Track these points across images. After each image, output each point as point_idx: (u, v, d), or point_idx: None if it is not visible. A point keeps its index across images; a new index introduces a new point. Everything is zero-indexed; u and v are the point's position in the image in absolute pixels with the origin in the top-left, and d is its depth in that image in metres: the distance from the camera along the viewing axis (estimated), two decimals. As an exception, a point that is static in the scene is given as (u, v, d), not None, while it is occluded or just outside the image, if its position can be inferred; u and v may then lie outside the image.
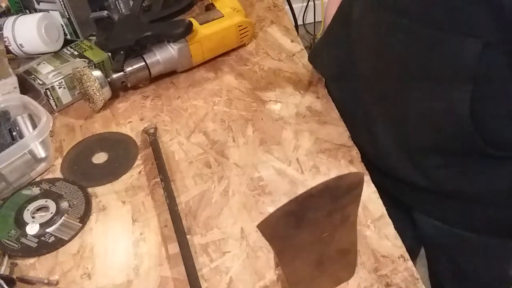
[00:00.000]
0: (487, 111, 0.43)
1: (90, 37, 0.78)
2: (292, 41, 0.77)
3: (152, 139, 0.59)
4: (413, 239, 0.67)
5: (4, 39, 0.72)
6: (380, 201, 0.49)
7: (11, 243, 0.48)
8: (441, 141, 0.48)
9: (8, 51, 0.73)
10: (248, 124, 0.61)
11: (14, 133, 0.57)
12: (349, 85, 0.57)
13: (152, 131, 0.60)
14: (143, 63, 0.68)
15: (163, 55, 0.69)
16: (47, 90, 0.65)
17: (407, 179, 0.53)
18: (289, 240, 0.38)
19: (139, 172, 0.56)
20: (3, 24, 0.73)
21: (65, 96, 0.67)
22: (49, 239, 0.48)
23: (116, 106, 0.68)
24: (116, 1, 0.81)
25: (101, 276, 0.45)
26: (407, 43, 0.45)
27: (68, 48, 0.74)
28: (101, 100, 0.64)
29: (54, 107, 0.67)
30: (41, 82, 0.65)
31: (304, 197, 0.35)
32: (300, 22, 2.34)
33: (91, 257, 0.47)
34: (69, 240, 0.48)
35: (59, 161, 0.59)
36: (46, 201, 0.52)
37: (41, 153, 0.55)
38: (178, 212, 0.48)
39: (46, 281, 0.44)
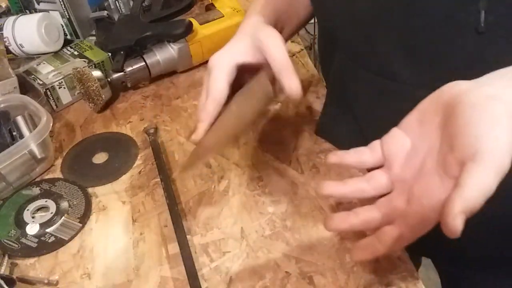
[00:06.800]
0: None
1: (90, 37, 0.78)
2: (292, 41, 0.77)
3: (152, 139, 0.59)
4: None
5: (4, 39, 0.72)
6: (380, 201, 0.49)
7: (11, 243, 0.48)
8: None
9: (8, 51, 0.73)
10: (248, 124, 0.61)
11: (14, 133, 0.57)
12: None
13: (152, 131, 0.60)
14: (143, 63, 0.68)
15: (163, 55, 0.69)
16: (47, 90, 0.65)
17: None
18: None
19: (139, 172, 0.56)
20: (3, 24, 0.73)
21: (65, 96, 0.67)
22: (49, 239, 0.48)
23: (116, 106, 0.68)
24: (116, 1, 0.81)
25: (101, 276, 0.45)
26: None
27: (68, 48, 0.74)
28: (101, 100, 0.64)
29: (54, 107, 0.67)
30: (41, 82, 0.65)
31: None
32: (300, 22, 2.33)
33: (91, 257, 0.47)
34: (69, 240, 0.48)
35: (59, 161, 0.59)
36: (46, 201, 0.52)
37: (41, 153, 0.55)
38: (178, 212, 0.48)
39: (46, 281, 0.44)
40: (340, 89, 0.50)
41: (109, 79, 0.66)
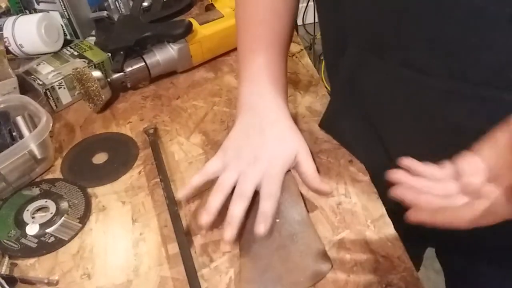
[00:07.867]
0: None
1: (90, 37, 0.78)
2: (292, 41, 0.77)
3: (152, 139, 0.59)
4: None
5: (4, 39, 0.72)
6: (380, 201, 0.49)
7: (11, 244, 0.48)
8: None
9: (8, 51, 0.73)
10: (248, 124, 0.61)
11: (14, 134, 0.57)
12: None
13: (152, 131, 0.60)
14: (143, 63, 0.68)
15: (163, 56, 0.69)
16: (47, 91, 0.65)
17: None
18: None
19: (139, 173, 0.56)
20: (3, 24, 0.73)
21: (65, 96, 0.67)
22: (49, 240, 0.48)
23: (116, 107, 0.68)
24: (116, 1, 0.81)
25: (101, 276, 0.45)
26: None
27: (68, 48, 0.74)
28: (101, 101, 0.64)
29: (54, 107, 0.67)
30: (41, 83, 0.65)
31: None
32: (300, 22, 2.34)
33: (91, 257, 0.47)
34: (69, 240, 0.48)
35: (59, 162, 0.59)
36: (46, 201, 0.52)
37: (41, 153, 0.55)
38: (177, 212, 0.48)
39: (46, 281, 0.44)
40: (351, 84, 0.50)
41: (109, 79, 0.66)
